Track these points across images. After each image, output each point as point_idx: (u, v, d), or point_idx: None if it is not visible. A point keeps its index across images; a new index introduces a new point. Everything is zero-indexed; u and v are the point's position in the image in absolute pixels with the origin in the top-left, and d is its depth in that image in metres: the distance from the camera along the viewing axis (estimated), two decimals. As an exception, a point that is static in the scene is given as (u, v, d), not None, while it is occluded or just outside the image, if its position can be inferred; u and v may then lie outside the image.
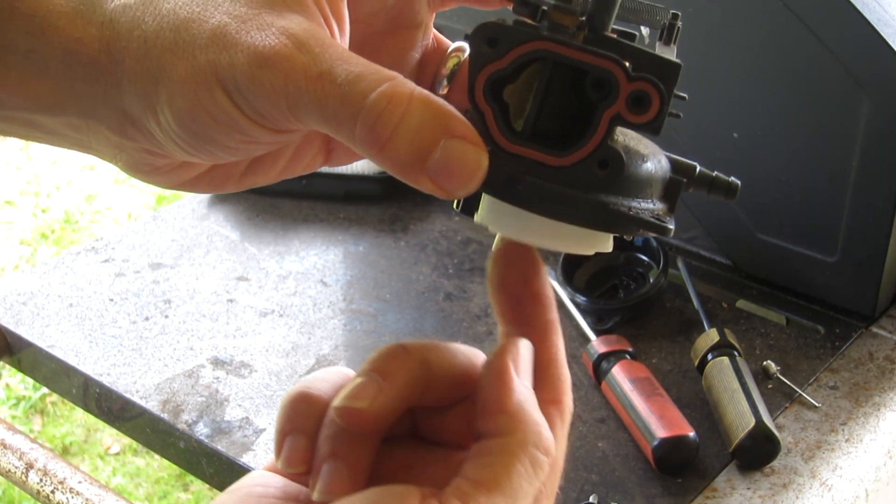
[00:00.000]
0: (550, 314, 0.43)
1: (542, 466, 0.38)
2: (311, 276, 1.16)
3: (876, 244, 1.01)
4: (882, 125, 0.96)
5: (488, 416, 0.39)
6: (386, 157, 0.37)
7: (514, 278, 0.42)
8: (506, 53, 0.39)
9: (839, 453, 0.90)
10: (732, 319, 1.07)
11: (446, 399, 0.42)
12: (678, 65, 0.39)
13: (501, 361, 0.40)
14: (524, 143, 0.39)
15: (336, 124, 0.37)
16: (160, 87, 0.38)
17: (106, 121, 0.40)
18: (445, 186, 0.37)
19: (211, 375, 1.01)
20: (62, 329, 1.07)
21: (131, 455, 2.27)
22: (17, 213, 2.97)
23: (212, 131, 0.39)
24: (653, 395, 0.92)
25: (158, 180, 0.44)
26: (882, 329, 1.05)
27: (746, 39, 1.02)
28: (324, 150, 0.47)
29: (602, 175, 0.39)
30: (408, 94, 0.37)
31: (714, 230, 1.14)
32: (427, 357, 0.40)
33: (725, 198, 0.45)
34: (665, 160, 0.43)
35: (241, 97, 0.38)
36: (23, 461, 0.95)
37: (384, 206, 1.27)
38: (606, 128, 0.39)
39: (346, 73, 0.37)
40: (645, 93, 0.38)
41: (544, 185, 0.39)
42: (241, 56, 0.37)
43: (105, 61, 0.39)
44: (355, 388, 0.39)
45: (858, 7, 0.93)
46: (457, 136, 0.37)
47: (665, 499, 0.87)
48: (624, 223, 0.40)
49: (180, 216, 1.26)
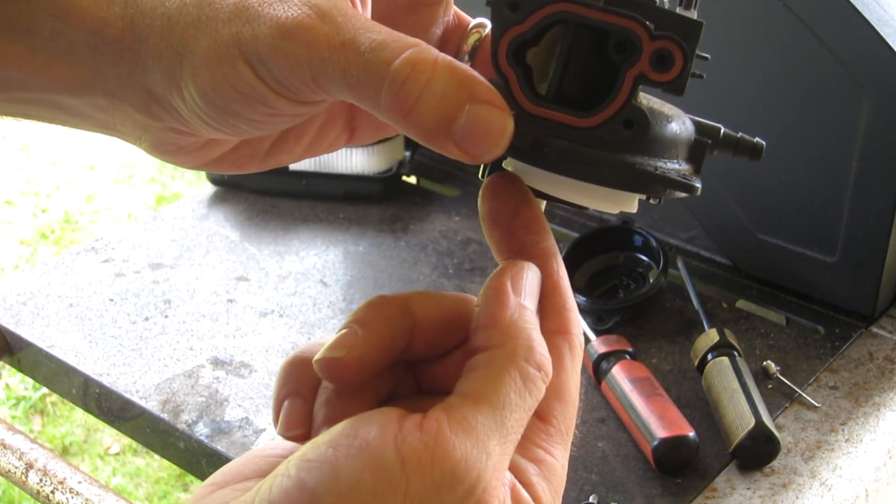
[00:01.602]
0: (546, 241, 0.42)
1: (534, 381, 0.37)
2: (311, 276, 1.16)
3: (876, 244, 1.01)
4: (882, 125, 0.96)
5: (480, 331, 0.39)
6: (411, 124, 0.37)
7: (503, 210, 0.42)
8: (528, 17, 0.39)
9: (839, 453, 0.90)
10: (732, 319, 1.07)
11: (440, 346, 0.41)
12: (700, 23, 0.39)
13: (499, 280, 0.40)
14: (549, 105, 0.39)
15: (360, 92, 0.37)
16: (184, 63, 0.38)
17: (131, 100, 0.40)
18: (471, 151, 0.37)
19: (211, 375, 1.01)
20: (62, 329, 1.07)
21: (131, 455, 2.27)
22: (17, 213, 2.97)
23: (236, 104, 0.39)
24: (653, 395, 0.92)
25: (183, 160, 0.44)
26: (882, 329, 1.05)
27: (746, 40, 1.02)
28: (348, 127, 0.47)
29: (628, 135, 0.39)
30: (432, 61, 0.37)
31: (714, 230, 1.14)
32: (408, 305, 0.40)
33: (751, 159, 0.44)
34: (689, 122, 0.43)
35: (264, 69, 0.38)
36: (23, 461, 0.95)
37: (384, 206, 1.27)
38: (631, 87, 0.39)
39: (369, 42, 0.37)
40: (668, 51, 0.38)
41: (570, 146, 0.39)
42: (264, 28, 0.37)
43: (129, 40, 0.39)
44: (334, 339, 0.39)
45: (858, 7, 0.93)
46: (482, 101, 0.37)
47: (665, 499, 0.87)
48: (650, 182, 0.40)
49: (180, 216, 1.26)
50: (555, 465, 0.38)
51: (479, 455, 0.35)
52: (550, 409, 0.39)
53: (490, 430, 0.35)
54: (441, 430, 0.35)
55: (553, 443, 0.39)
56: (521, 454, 0.38)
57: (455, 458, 0.34)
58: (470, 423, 0.35)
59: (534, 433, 0.39)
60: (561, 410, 0.39)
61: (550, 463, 0.38)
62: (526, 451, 0.38)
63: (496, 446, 0.35)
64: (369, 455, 0.34)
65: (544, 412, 0.39)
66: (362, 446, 0.34)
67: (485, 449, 0.35)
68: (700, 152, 0.43)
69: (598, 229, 1.14)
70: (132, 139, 0.43)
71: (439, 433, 0.35)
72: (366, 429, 0.35)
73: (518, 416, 0.37)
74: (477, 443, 0.35)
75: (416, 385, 0.42)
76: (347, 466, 0.34)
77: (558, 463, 0.39)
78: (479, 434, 0.35)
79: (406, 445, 0.34)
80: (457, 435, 0.35)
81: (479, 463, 0.35)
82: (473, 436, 0.35)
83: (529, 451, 0.38)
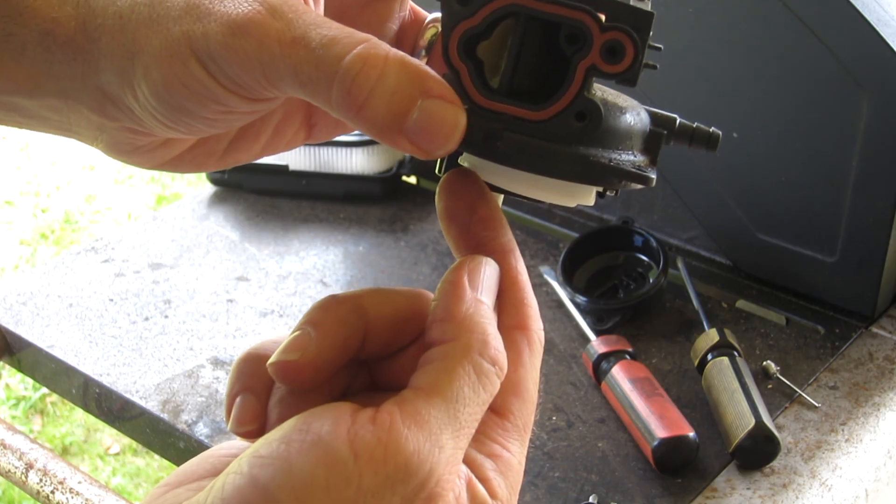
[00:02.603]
0: (504, 237, 0.42)
1: (487, 376, 0.37)
2: (311, 276, 1.16)
3: (876, 244, 1.01)
4: (882, 125, 0.96)
5: (435, 325, 0.39)
6: (363, 119, 0.37)
7: (460, 207, 0.42)
8: (477, 10, 0.39)
9: (839, 453, 0.90)
10: (732, 319, 1.07)
11: (394, 343, 0.41)
12: (651, 14, 0.39)
13: (455, 274, 0.40)
14: (501, 98, 0.39)
15: (312, 89, 0.37)
16: (136, 62, 0.38)
17: (85, 100, 0.40)
18: (424, 146, 0.37)
19: (211, 375, 1.01)
20: (62, 329, 1.07)
21: (131, 455, 2.27)
22: (17, 213, 2.97)
23: (188, 103, 0.39)
24: (653, 395, 0.92)
25: (140, 160, 0.44)
26: (882, 329, 1.05)
27: (746, 39, 1.02)
28: (305, 125, 0.47)
29: (580, 127, 0.39)
30: (383, 56, 0.37)
31: (714, 230, 1.14)
32: (360, 303, 0.40)
33: (707, 149, 0.44)
34: (645, 113, 0.43)
35: (215, 66, 0.37)
36: (23, 461, 0.95)
37: (384, 206, 1.27)
38: (582, 79, 0.39)
39: (320, 38, 0.37)
40: (619, 42, 0.38)
41: (523, 139, 0.39)
42: (215, 25, 0.37)
43: (81, 40, 0.39)
44: (287, 342, 0.38)
45: (858, 7, 0.93)
46: (433, 96, 0.37)
47: (665, 499, 0.87)
48: (604, 174, 0.40)
49: (180, 216, 1.26)
50: (511, 461, 0.38)
51: (431, 448, 0.35)
52: (507, 405, 0.39)
53: (443, 424, 0.36)
54: (394, 423, 0.35)
55: (510, 438, 0.39)
56: (477, 449, 0.38)
57: (407, 451, 0.34)
58: (423, 417, 0.35)
59: (490, 428, 0.39)
60: (518, 406, 0.39)
61: (507, 458, 0.38)
62: (482, 447, 0.38)
63: (449, 439, 0.36)
64: (322, 449, 0.34)
65: (501, 408, 0.39)
66: (315, 441, 0.34)
67: (437, 442, 0.35)
68: (656, 143, 0.43)
69: (598, 229, 1.14)
70: (88, 140, 0.43)
71: (392, 426, 0.35)
72: (318, 423, 0.35)
73: (471, 409, 0.37)
74: (430, 436, 0.35)
75: (370, 382, 0.42)
76: (300, 461, 0.34)
77: (515, 459, 0.39)
78: (431, 427, 0.35)
79: (358, 439, 0.34)
80: (409, 428, 0.35)
81: (432, 456, 0.35)
82: (426, 429, 0.35)
83: (486, 447, 0.38)
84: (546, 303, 1.10)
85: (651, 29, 0.39)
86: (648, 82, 0.46)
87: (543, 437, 0.94)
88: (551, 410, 0.97)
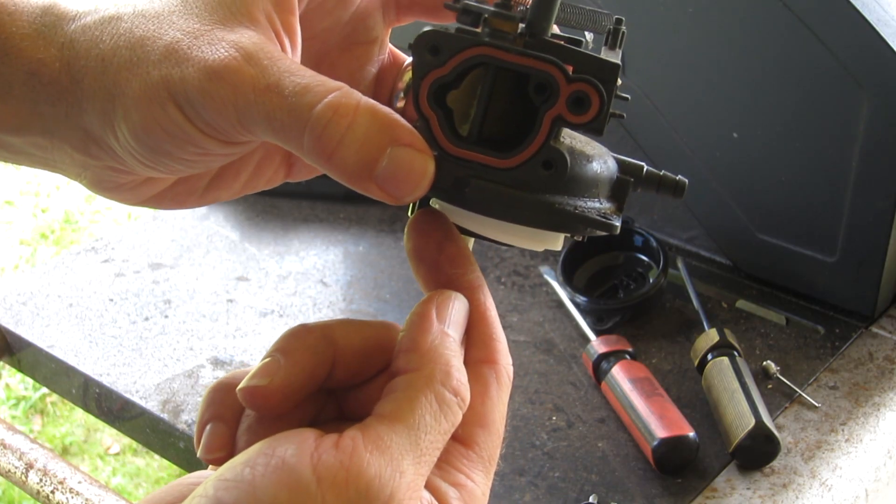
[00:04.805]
0: (472, 273, 0.43)
1: (449, 406, 0.38)
2: (311, 276, 1.16)
3: (876, 244, 1.01)
4: (882, 125, 0.96)
5: (401, 355, 0.39)
6: (334, 167, 0.38)
7: (428, 246, 0.43)
8: (448, 60, 0.40)
9: (839, 453, 0.90)
10: (732, 319, 1.07)
11: (362, 373, 0.42)
12: (617, 65, 0.39)
13: (424, 307, 0.41)
14: (470, 146, 0.40)
15: (284, 135, 0.38)
16: (117, 104, 0.39)
17: (69, 140, 0.41)
18: (394, 193, 0.39)
19: (211, 375, 1.01)
20: (62, 329, 1.07)
21: (131, 455, 2.27)
22: (17, 213, 2.97)
23: (167, 145, 0.40)
24: (653, 395, 0.92)
25: (123, 197, 0.45)
26: (882, 329, 1.05)
27: (746, 40, 1.02)
28: (285, 163, 0.48)
29: (547, 175, 0.40)
30: (354, 105, 0.38)
31: (714, 230, 1.14)
32: (330, 333, 0.41)
33: (673, 196, 0.45)
34: (612, 161, 0.44)
35: (192, 110, 0.38)
36: (23, 461, 0.95)
37: (384, 206, 1.27)
38: (549, 129, 0.39)
39: (293, 85, 0.38)
40: (585, 93, 0.39)
41: (491, 186, 0.40)
42: (192, 70, 0.38)
43: (66, 81, 0.40)
44: (256, 368, 0.39)
45: (858, 7, 0.93)
46: (403, 144, 0.38)
47: (665, 499, 0.87)
48: (569, 221, 0.41)
49: (180, 216, 1.26)
50: (475, 491, 0.39)
51: (392, 473, 0.36)
52: (473, 436, 0.40)
53: (404, 450, 0.36)
54: (356, 447, 0.35)
55: (474, 468, 0.40)
56: (441, 478, 0.39)
57: (369, 475, 0.35)
58: (385, 442, 0.36)
59: (455, 458, 0.39)
60: (484, 438, 0.40)
61: (471, 488, 0.39)
62: (447, 475, 0.39)
63: (410, 465, 0.36)
64: (286, 473, 0.35)
65: (467, 438, 0.40)
66: (279, 465, 0.35)
67: (399, 467, 0.36)
68: (623, 190, 0.43)
69: (598, 229, 1.14)
70: (73, 176, 0.44)
71: (354, 451, 0.35)
72: (282, 448, 0.36)
73: (433, 437, 0.37)
74: (391, 461, 0.36)
75: (338, 411, 0.43)
76: (264, 485, 0.35)
77: (479, 489, 0.39)
78: (393, 453, 0.36)
79: (322, 463, 0.35)
80: (371, 453, 0.35)
81: (393, 481, 0.36)
82: (388, 454, 0.36)
83: (450, 476, 0.39)
84: (546, 303, 1.10)
85: (618, 80, 0.39)
86: (649, 82, 0.46)
87: (543, 437, 0.94)
88: (551, 410, 0.97)
